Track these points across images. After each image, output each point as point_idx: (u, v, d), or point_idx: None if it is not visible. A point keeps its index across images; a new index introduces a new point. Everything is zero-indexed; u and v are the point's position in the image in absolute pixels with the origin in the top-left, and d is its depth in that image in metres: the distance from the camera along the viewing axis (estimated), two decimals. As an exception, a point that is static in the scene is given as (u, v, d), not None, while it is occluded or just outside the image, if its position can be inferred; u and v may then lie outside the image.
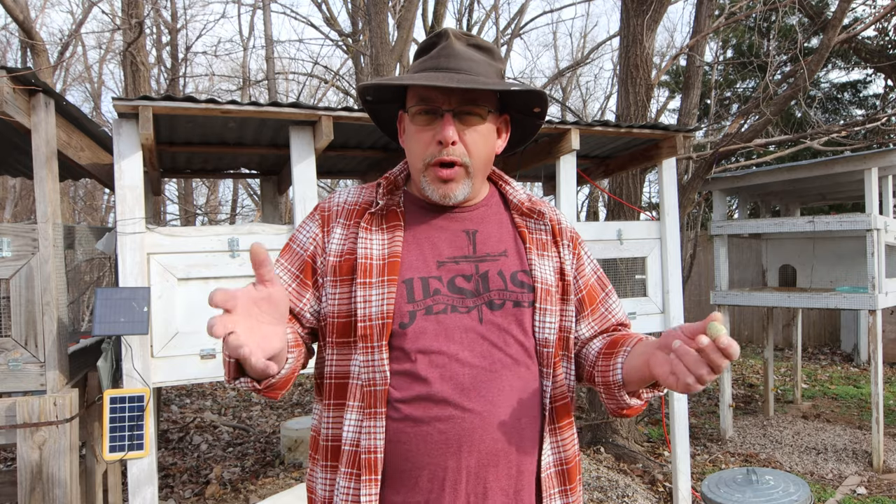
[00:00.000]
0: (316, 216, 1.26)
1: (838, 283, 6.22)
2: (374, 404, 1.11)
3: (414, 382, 1.11)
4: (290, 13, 24.83)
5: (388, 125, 1.35)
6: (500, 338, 1.15)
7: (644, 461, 4.98)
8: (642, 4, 5.15)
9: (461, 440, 1.10)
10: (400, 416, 1.11)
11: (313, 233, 1.23)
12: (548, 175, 5.21)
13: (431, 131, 1.15)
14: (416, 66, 1.21)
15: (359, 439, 1.11)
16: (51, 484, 2.73)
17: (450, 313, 1.15)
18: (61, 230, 2.94)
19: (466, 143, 1.15)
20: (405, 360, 1.12)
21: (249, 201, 15.24)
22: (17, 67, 2.69)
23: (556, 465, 1.20)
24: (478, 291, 1.17)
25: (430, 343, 1.12)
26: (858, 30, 7.32)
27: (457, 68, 1.15)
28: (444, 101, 1.14)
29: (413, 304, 1.14)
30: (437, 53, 1.17)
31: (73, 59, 14.03)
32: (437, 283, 1.17)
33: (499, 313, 1.16)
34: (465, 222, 1.24)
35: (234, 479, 4.77)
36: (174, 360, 2.96)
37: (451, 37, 1.18)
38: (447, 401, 1.10)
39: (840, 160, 5.20)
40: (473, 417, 1.10)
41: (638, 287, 4.10)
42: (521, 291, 1.19)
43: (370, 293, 1.13)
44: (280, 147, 4.09)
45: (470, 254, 1.20)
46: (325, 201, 1.28)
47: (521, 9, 14.04)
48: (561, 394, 1.21)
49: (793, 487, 3.16)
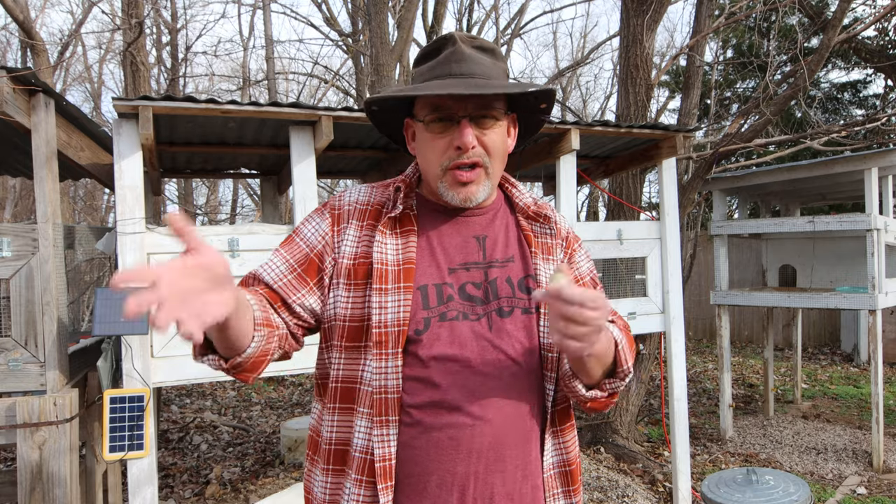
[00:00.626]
0: (325, 213, 1.24)
1: (838, 283, 6.21)
2: (386, 412, 1.11)
3: (427, 388, 1.12)
4: (290, 13, 24.85)
5: (393, 132, 1.34)
6: (509, 345, 1.16)
7: (644, 461, 4.98)
8: (642, 4, 5.15)
9: (471, 447, 1.11)
10: (411, 422, 1.11)
11: (323, 230, 1.21)
12: (548, 175, 5.21)
13: (448, 137, 1.14)
14: (425, 72, 1.19)
15: (371, 446, 1.11)
16: (51, 484, 2.73)
17: (461, 321, 1.15)
18: (61, 230, 2.94)
19: (485, 145, 1.15)
20: (419, 367, 1.12)
21: (249, 201, 15.26)
22: (17, 67, 2.69)
23: (559, 467, 1.21)
24: (487, 299, 1.18)
25: (444, 350, 1.13)
26: (858, 30, 7.33)
27: (470, 73, 1.14)
28: (459, 108, 1.13)
29: (428, 310, 1.15)
30: (446, 59, 1.16)
31: (73, 59, 14.05)
32: (450, 289, 1.17)
33: (508, 320, 1.17)
34: (475, 227, 1.24)
35: (234, 479, 4.77)
36: (174, 360, 2.96)
37: (459, 41, 1.17)
38: (459, 408, 1.11)
39: (840, 160, 5.20)
40: (483, 425, 1.11)
41: (638, 287, 4.10)
42: (529, 298, 1.20)
43: (386, 299, 1.13)
44: (280, 147, 4.09)
45: (480, 260, 1.21)
46: (336, 199, 1.26)
47: (521, 9, 14.06)
48: (563, 397, 1.22)
49: (793, 487, 3.16)
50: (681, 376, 4.15)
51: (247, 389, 7.91)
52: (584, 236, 3.83)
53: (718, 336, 5.89)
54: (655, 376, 6.29)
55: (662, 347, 4.28)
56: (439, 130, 1.15)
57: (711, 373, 8.65)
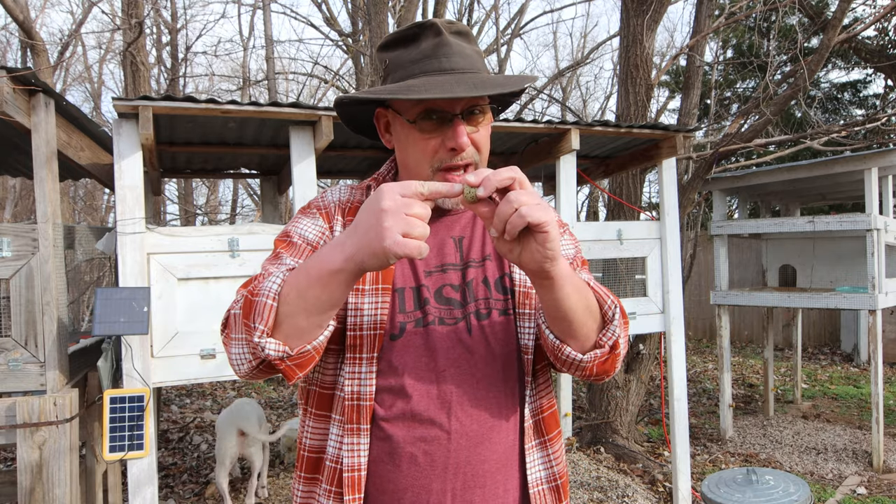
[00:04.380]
0: (314, 212, 1.18)
1: (838, 283, 6.21)
2: (357, 420, 1.06)
3: (399, 399, 1.07)
4: (290, 13, 24.83)
5: (361, 123, 1.25)
6: (488, 350, 1.10)
7: (644, 461, 4.98)
8: (642, 4, 5.15)
9: (446, 461, 1.06)
10: (384, 435, 1.07)
11: (320, 226, 1.15)
12: (548, 175, 5.21)
13: (439, 137, 1.08)
14: (406, 64, 1.10)
15: (340, 456, 1.07)
16: (51, 484, 2.73)
17: (438, 325, 1.10)
18: (61, 230, 2.94)
19: (476, 142, 1.11)
20: (391, 375, 1.07)
21: (249, 201, 15.25)
22: (17, 67, 2.69)
23: (550, 481, 1.15)
24: (465, 301, 1.13)
25: (418, 358, 1.08)
26: (858, 30, 7.32)
27: (460, 68, 1.08)
28: (454, 106, 1.07)
29: (404, 314, 1.09)
30: (433, 52, 1.08)
31: (73, 59, 14.04)
32: (427, 292, 1.12)
33: (486, 323, 1.12)
34: (454, 228, 1.19)
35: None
36: (174, 360, 2.96)
37: (444, 30, 1.09)
38: (433, 421, 1.06)
39: (840, 160, 5.20)
40: (460, 438, 1.06)
41: (638, 287, 4.10)
42: (506, 298, 1.14)
43: (362, 301, 1.08)
44: (280, 147, 4.09)
45: (457, 262, 1.16)
46: (319, 199, 1.21)
47: (521, 9, 14.04)
48: (549, 403, 1.17)
49: (793, 487, 3.16)
50: (681, 376, 4.15)
51: (247, 389, 7.91)
52: (584, 236, 3.83)
53: (718, 336, 5.89)
54: (655, 376, 6.30)
55: (662, 347, 4.28)
56: (430, 129, 1.08)
57: (711, 373, 8.65)
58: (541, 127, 3.68)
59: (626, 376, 5.41)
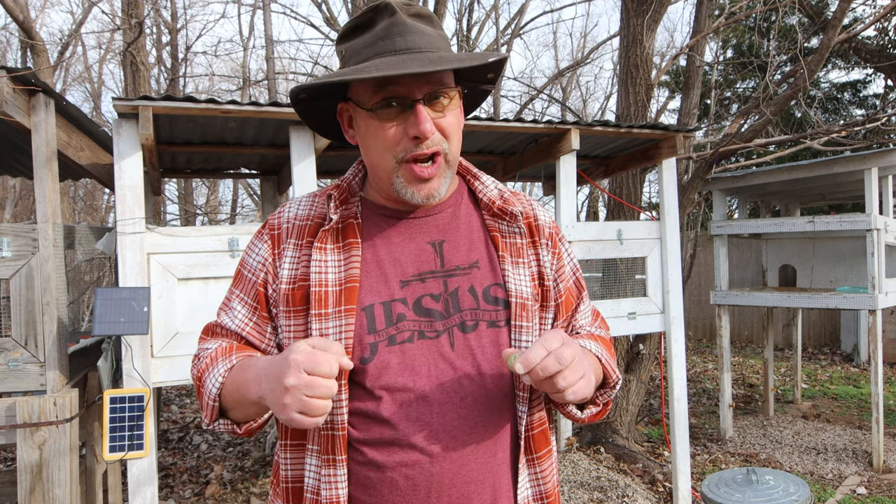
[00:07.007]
0: (265, 235, 1.12)
1: (838, 283, 6.22)
2: (332, 450, 1.01)
3: (376, 424, 1.01)
4: (290, 13, 24.82)
5: (325, 123, 1.17)
6: (473, 365, 1.03)
7: (644, 461, 4.98)
8: (642, 4, 5.15)
9: (430, 486, 1.00)
10: (364, 460, 1.02)
11: (262, 257, 1.10)
12: (548, 175, 5.21)
13: (401, 125, 1.00)
14: (360, 49, 1.02)
15: (319, 487, 1.03)
16: (51, 484, 2.73)
17: (416, 341, 1.03)
18: (61, 230, 2.94)
19: (443, 128, 1.02)
20: (367, 399, 1.01)
21: (249, 201, 15.27)
22: (17, 67, 2.69)
23: (536, 500, 1.09)
24: (448, 312, 1.05)
25: (394, 379, 1.01)
26: (858, 30, 7.32)
27: (416, 47, 0.99)
28: (413, 90, 0.98)
29: (374, 334, 1.02)
30: (386, 32, 1.00)
31: (73, 59, 14.06)
32: (402, 306, 1.04)
33: (472, 336, 1.04)
34: (431, 231, 1.10)
35: (234, 478, 4.77)
36: (174, 360, 2.96)
37: (399, 10, 1.01)
38: (414, 445, 1.00)
39: (840, 160, 5.20)
40: (443, 462, 1.00)
41: (638, 287, 4.10)
42: (496, 310, 1.07)
43: (326, 325, 1.01)
44: (280, 147, 4.09)
45: (437, 269, 1.07)
46: (275, 216, 1.13)
47: (521, 9, 14.05)
48: (539, 420, 1.11)
49: (793, 487, 3.16)
50: (681, 376, 4.15)
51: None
52: (584, 236, 3.84)
53: (718, 336, 5.89)
54: (655, 376, 6.29)
55: (662, 347, 4.28)
56: (390, 117, 1.00)
57: (711, 373, 8.65)
58: (541, 127, 3.69)
59: (626, 376, 5.41)
